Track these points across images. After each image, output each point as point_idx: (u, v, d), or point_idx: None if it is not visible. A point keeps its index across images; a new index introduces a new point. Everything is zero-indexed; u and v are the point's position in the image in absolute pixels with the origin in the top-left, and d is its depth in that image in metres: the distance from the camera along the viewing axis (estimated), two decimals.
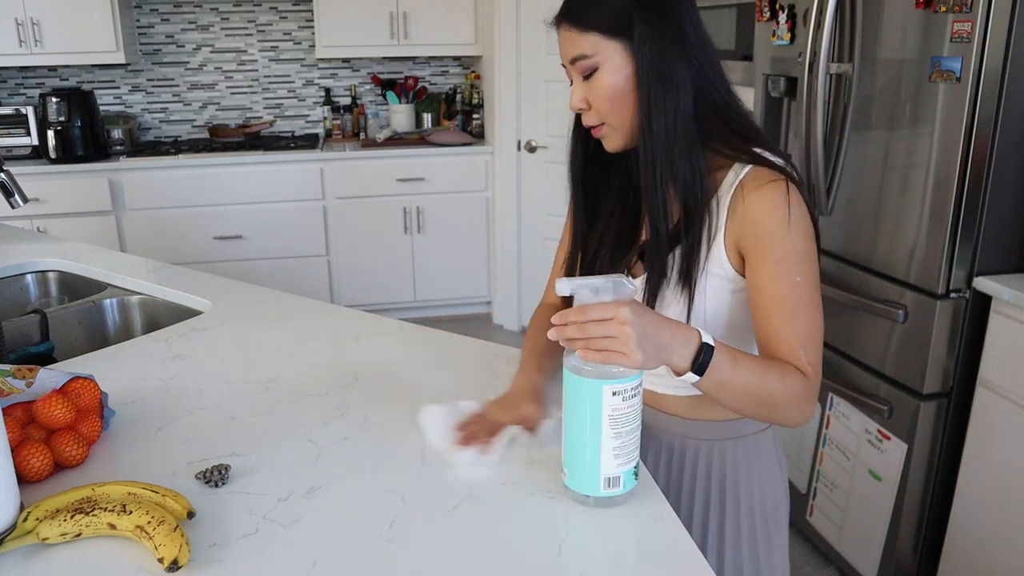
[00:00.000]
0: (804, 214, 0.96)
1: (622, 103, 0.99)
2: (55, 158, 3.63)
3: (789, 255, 0.95)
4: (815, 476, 2.21)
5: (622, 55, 0.97)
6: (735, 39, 2.72)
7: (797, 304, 0.95)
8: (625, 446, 0.89)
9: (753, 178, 0.97)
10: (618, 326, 0.81)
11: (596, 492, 0.90)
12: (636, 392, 0.87)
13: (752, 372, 0.92)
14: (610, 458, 0.88)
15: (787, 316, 0.95)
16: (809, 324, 0.96)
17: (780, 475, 1.16)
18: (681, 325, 0.88)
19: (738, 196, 0.97)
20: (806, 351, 0.95)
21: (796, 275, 0.95)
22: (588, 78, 0.99)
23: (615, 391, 0.86)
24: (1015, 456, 1.67)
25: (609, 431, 0.87)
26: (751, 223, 0.96)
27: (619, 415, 0.87)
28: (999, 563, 1.73)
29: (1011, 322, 1.67)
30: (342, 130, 4.17)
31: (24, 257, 2.00)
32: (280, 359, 1.35)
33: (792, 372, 0.94)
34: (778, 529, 1.17)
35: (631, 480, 0.91)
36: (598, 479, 0.89)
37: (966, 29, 1.61)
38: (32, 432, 1.00)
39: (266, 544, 0.85)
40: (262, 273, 3.76)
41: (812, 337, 0.96)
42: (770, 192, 0.95)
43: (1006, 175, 1.70)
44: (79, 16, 3.62)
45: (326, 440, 1.07)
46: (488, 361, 1.34)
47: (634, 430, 0.89)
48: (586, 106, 1.02)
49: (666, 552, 0.84)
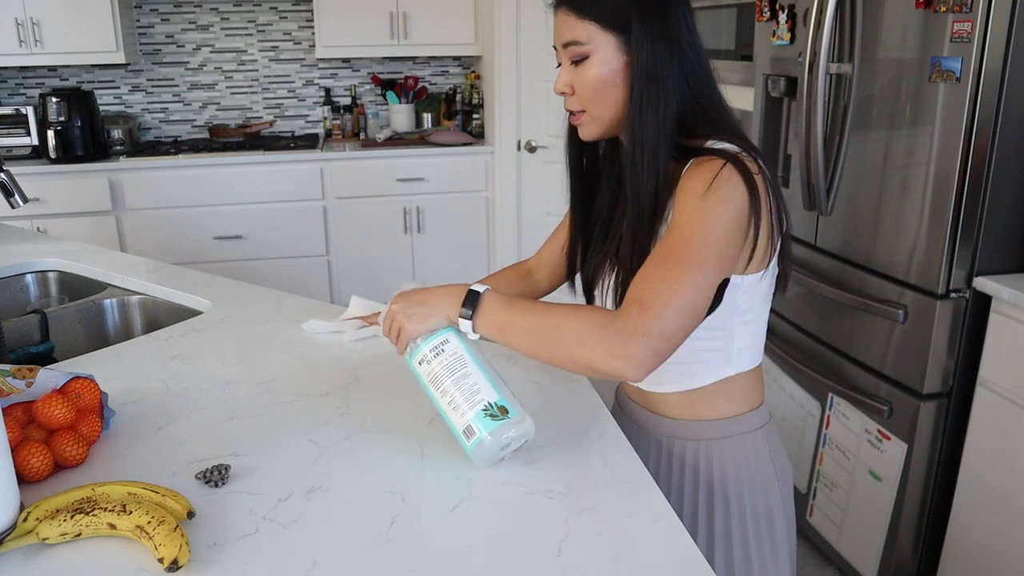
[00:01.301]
0: (733, 191, 0.93)
1: (605, 95, 1.01)
2: (55, 158, 3.63)
3: (692, 214, 0.93)
4: (815, 476, 2.21)
5: (614, 48, 0.99)
6: (735, 39, 2.72)
7: (668, 255, 0.92)
8: (457, 396, 0.95)
9: (694, 164, 0.97)
10: (389, 316, 1.00)
11: (470, 451, 0.96)
12: (439, 350, 0.98)
13: (535, 311, 0.95)
14: (454, 414, 0.96)
15: (652, 261, 0.94)
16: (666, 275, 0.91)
17: (774, 476, 1.15)
18: (455, 286, 0.99)
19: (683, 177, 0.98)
20: (645, 291, 0.91)
21: (678, 238, 0.93)
22: (577, 64, 1.02)
23: (420, 360, 0.99)
24: (1015, 456, 1.67)
25: (436, 393, 0.98)
26: (678, 195, 0.97)
27: (435, 375, 0.97)
28: (999, 563, 1.73)
29: (1011, 322, 1.67)
30: (342, 130, 4.17)
31: (24, 257, 2.00)
32: (280, 359, 1.35)
33: (590, 309, 0.95)
34: (776, 533, 1.15)
35: (488, 422, 0.94)
36: (463, 440, 0.96)
37: (966, 29, 1.61)
38: (32, 432, 1.00)
39: (266, 544, 0.85)
40: (262, 273, 3.76)
41: (661, 287, 0.90)
42: (700, 167, 0.95)
43: (1006, 175, 1.70)
44: (79, 16, 3.62)
45: (326, 440, 1.07)
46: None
47: (460, 378, 0.96)
48: (570, 91, 1.04)
49: (666, 552, 0.84)
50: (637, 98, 0.99)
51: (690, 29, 1.01)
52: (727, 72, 2.78)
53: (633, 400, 1.21)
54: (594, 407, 1.16)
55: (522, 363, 1.32)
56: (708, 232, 0.93)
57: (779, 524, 1.16)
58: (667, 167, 1.00)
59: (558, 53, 1.05)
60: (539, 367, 1.30)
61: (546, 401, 1.18)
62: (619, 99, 1.01)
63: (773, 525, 1.15)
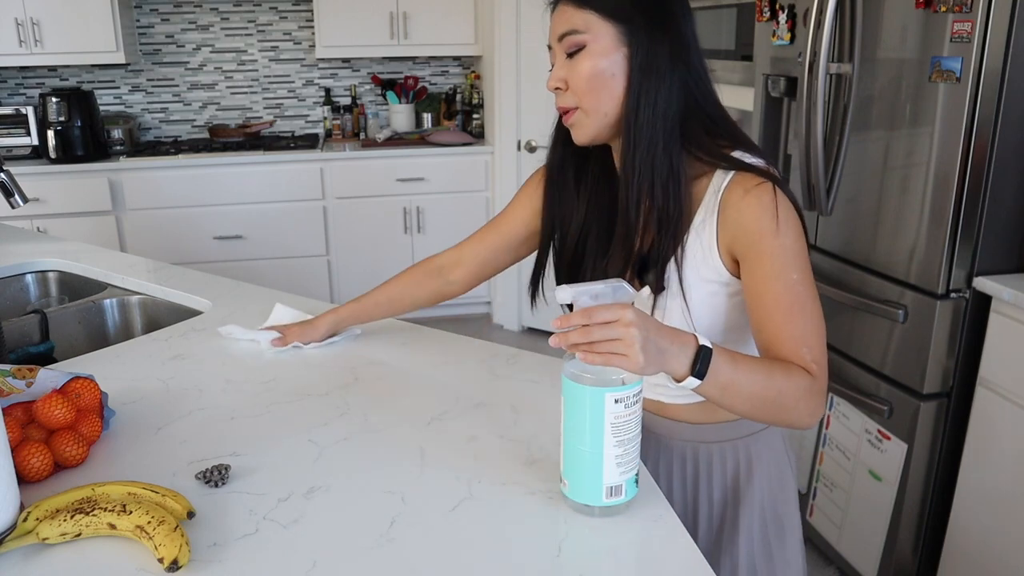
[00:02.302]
0: (792, 213, 0.97)
1: (600, 88, 0.98)
2: (55, 158, 3.63)
3: (782, 255, 0.94)
4: (815, 476, 2.21)
5: (612, 39, 0.96)
6: (735, 39, 2.72)
7: (794, 302, 0.94)
8: (627, 454, 0.87)
9: (738, 183, 0.96)
10: (623, 328, 0.79)
11: (598, 502, 0.89)
12: (637, 399, 0.86)
13: (755, 372, 0.90)
14: (612, 467, 0.87)
15: (786, 316, 0.94)
16: (809, 321, 0.94)
17: (790, 473, 1.16)
18: (679, 331, 0.87)
19: (726, 202, 0.97)
20: (809, 349, 0.94)
21: (792, 273, 0.94)
22: (572, 56, 0.99)
23: (617, 398, 0.84)
24: (1015, 456, 1.67)
25: (612, 439, 0.86)
26: (743, 228, 0.96)
27: (621, 423, 0.85)
28: (999, 563, 1.73)
29: (1011, 322, 1.67)
30: (342, 130, 4.17)
31: (24, 257, 2.01)
32: (280, 359, 1.35)
33: (796, 370, 0.93)
34: (792, 527, 1.16)
35: (632, 488, 0.90)
36: (600, 489, 0.88)
37: (966, 29, 1.61)
38: (32, 432, 1.00)
39: (266, 544, 0.85)
40: (262, 273, 3.76)
41: (814, 334, 0.94)
42: (757, 195, 0.95)
43: (1006, 175, 1.70)
44: (79, 16, 3.62)
45: (326, 440, 1.07)
46: (488, 361, 1.34)
47: (635, 438, 0.88)
48: (564, 86, 1.00)
49: (666, 552, 0.84)
50: (635, 89, 0.96)
51: (692, 33, 1.00)
52: (727, 72, 2.78)
53: (647, 410, 1.15)
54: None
55: (522, 362, 1.32)
56: (806, 261, 0.97)
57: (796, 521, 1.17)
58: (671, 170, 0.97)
59: (552, 53, 1.02)
60: (540, 366, 1.30)
61: (546, 401, 1.18)
62: (615, 93, 0.98)
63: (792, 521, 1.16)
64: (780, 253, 0.94)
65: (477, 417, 1.13)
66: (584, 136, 1.02)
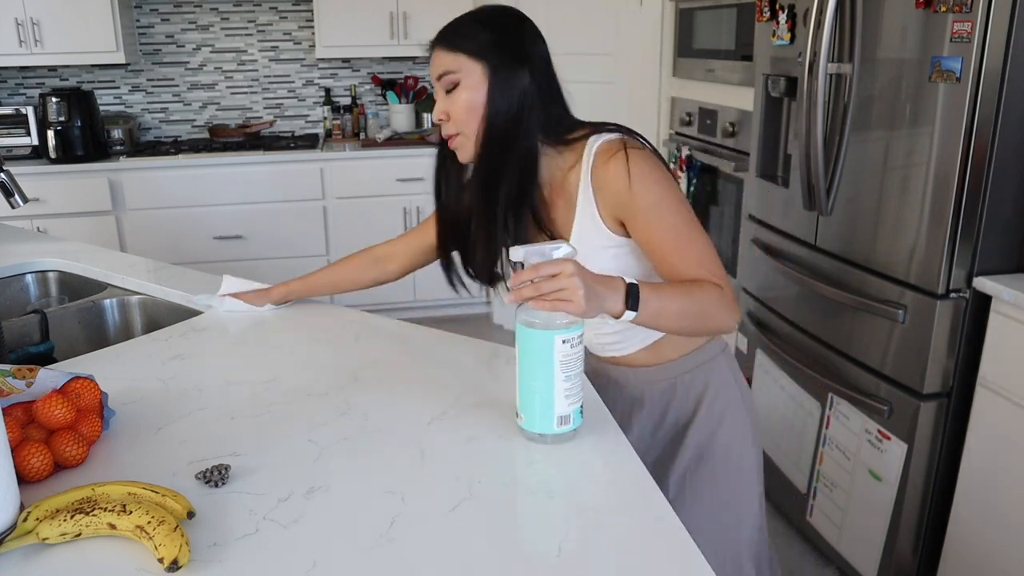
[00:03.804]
0: (648, 163, 1.13)
1: (476, 115, 1.15)
2: (55, 158, 3.63)
3: (651, 207, 1.12)
4: (815, 476, 2.21)
5: (480, 74, 1.15)
6: (735, 39, 2.72)
7: (679, 239, 1.12)
8: (573, 388, 1.03)
9: (599, 160, 1.14)
10: (566, 279, 0.94)
11: (551, 430, 1.04)
12: (580, 340, 1.01)
13: (677, 294, 1.07)
14: (562, 399, 1.02)
15: (676, 253, 1.12)
16: (698, 249, 1.12)
17: (740, 397, 1.33)
18: (609, 276, 1.01)
19: (594, 178, 1.15)
20: (706, 268, 1.11)
21: (667, 217, 1.12)
22: (450, 92, 1.16)
23: (564, 339, 0.99)
24: (1015, 456, 1.67)
25: (561, 375, 1.01)
26: (613, 194, 1.13)
27: (568, 360, 1.01)
28: (999, 563, 1.74)
29: (1011, 322, 1.67)
30: (342, 130, 4.17)
31: (24, 257, 2.01)
32: (280, 359, 1.35)
33: (707, 284, 1.09)
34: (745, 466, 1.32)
35: (578, 417, 1.05)
36: (552, 418, 1.03)
37: (966, 29, 1.61)
38: (32, 432, 1.00)
39: (266, 544, 0.85)
40: (262, 273, 3.74)
41: (706, 256, 1.12)
42: (614, 164, 1.12)
43: (1006, 175, 1.70)
44: (79, 16, 3.62)
45: (326, 440, 1.07)
46: (488, 361, 1.34)
47: (579, 374, 1.03)
48: (446, 117, 1.18)
49: (666, 552, 0.84)
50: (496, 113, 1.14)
51: (543, 53, 1.18)
52: (727, 72, 2.78)
53: (603, 360, 1.36)
54: (595, 407, 1.16)
55: None
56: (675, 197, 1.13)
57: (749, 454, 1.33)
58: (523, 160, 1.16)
59: (435, 89, 1.19)
60: None
61: None
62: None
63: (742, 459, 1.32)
64: (651, 205, 1.12)
65: (477, 417, 1.13)
66: (467, 156, 1.20)
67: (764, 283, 2.44)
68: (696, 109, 3.05)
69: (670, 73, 3.27)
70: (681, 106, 3.18)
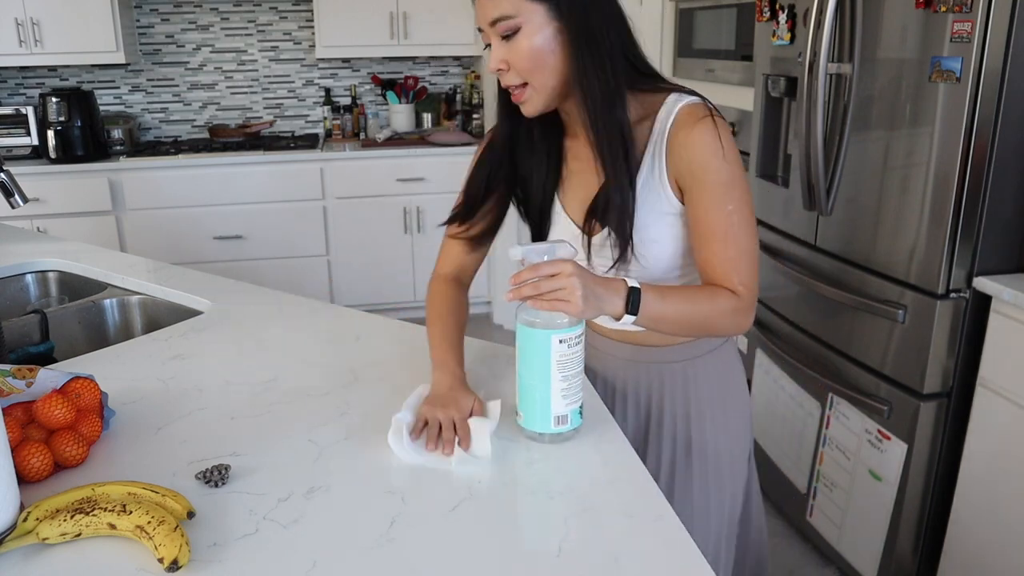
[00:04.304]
0: (732, 144, 1.06)
1: (543, 63, 1.04)
2: (55, 158, 3.63)
3: (720, 186, 1.05)
4: (815, 476, 2.21)
5: (543, 16, 1.02)
6: (735, 39, 2.72)
7: (729, 231, 1.06)
8: (571, 388, 1.02)
9: (684, 120, 1.06)
10: (565, 279, 0.92)
11: (548, 429, 1.03)
12: (579, 340, 1.01)
13: (681, 302, 1.04)
14: (559, 399, 1.02)
15: (720, 243, 1.06)
16: (741, 248, 1.06)
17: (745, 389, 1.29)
18: (611, 278, 1.00)
19: (673, 138, 1.07)
20: (738, 273, 1.06)
21: (727, 204, 1.05)
22: (508, 39, 1.04)
23: (561, 339, 0.99)
24: (1015, 456, 1.67)
25: (558, 375, 1.00)
26: (691, 161, 1.05)
27: (566, 360, 1.00)
28: (999, 563, 1.74)
29: (1011, 322, 1.67)
30: (342, 130, 4.17)
31: (24, 257, 2.01)
32: (280, 359, 1.35)
33: (722, 293, 1.06)
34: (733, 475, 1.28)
35: (577, 418, 1.05)
36: (549, 418, 1.03)
37: (966, 29, 1.61)
38: (32, 432, 1.00)
39: (266, 544, 0.85)
40: (262, 273, 3.76)
41: (745, 260, 1.07)
42: (701, 131, 1.04)
43: (1006, 175, 1.70)
44: (79, 16, 3.62)
45: (326, 440, 1.07)
46: (488, 361, 1.34)
47: (578, 374, 1.02)
48: (506, 67, 1.06)
49: (666, 552, 0.84)
50: (579, 60, 1.03)
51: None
52: (727, 72, 2.78)
53: (610, 338, 1.27)
54: (595, 406, 1.16)
55: None
56: (744, 190, 1.07)
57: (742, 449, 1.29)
58: (627, 118, 1.06)
59: (484, 34, 1.07)
60: None
61: None
62: (558, 65, 1.04)
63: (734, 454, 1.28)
64: (721, 184, 1.05)
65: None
66: (535, 109, 1.09)
67: (764, 283, 2.44)
68: None
69: (670, 73, 3.27)
70: None
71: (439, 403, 1.09)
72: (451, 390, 1.12)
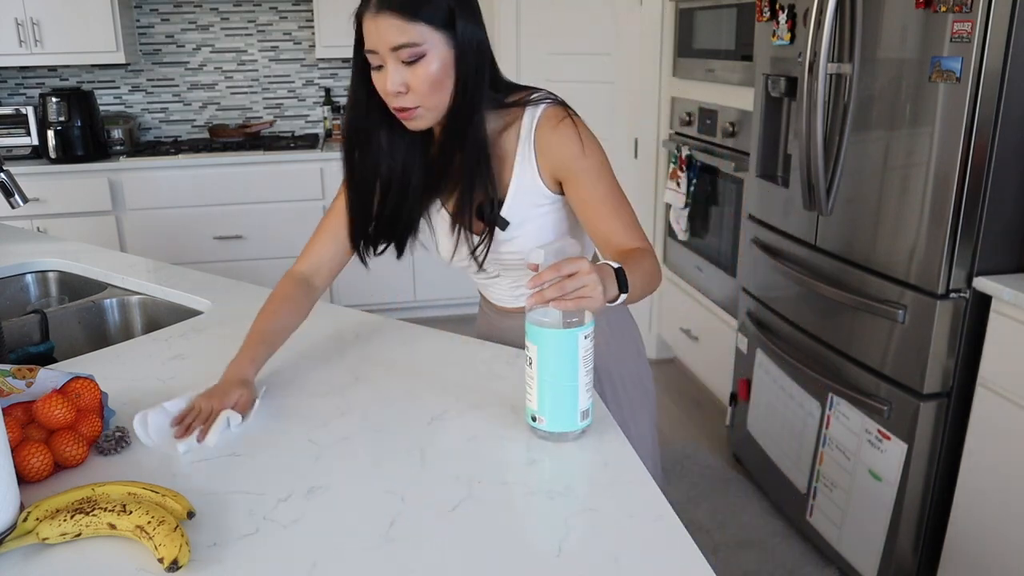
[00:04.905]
0: (590, 135, 1.21)
1: (442, 87, 1.14)
2: (55, 158, 3.63)
3: (592, 172, 1.20)
4: (815, 476, 2.21)
5: (444, 45, 1.12)
6: (735, 39, 2.72)
7: (613, 202, 1.21)
8: (590, 380, 1.05)
9: (545, 123, 1.21)
10: (586, 276, 0.96)
11: (575, 427, 1.05)
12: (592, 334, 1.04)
13: (637, 267, 1.12)
14: (584, 393, 1.04)
15: (612, 214, 1.20)
16: (629, 214, 1.22)
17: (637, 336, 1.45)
18: (604, 265, 1.05)
19: (539, 139, 1.21)
20: (637, 233, 1.21)
21: (604, 180, 1.21)
22: (410, 64, 1.12)
23: (586, 335, 1.01)
24: (1015, 456, 1.67)
25: (583, 369, 1.03)
26: (559, 157, 1.20)
27: (587, 355, 1.03)
28: (999, 563, 1.74)
29: (1011, 322, 1.67)
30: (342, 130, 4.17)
31: (24, 257, 2.01)
32: (280, 359, 1.35)
33: (644, 252, 1.18)
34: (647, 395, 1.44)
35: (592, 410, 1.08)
36: (576, 415, 1.04)
37: (966, 29, 1.61)
38: (32, 432, 1.00)
39: (266, 544, 0.85)
40: (262, 273, 3.76)
41: (635, 221, 1.22)
42: (562, 129, 1.20)
43: (1006, 175, 1.70)
44: (79, 16, 3.62)
45: (326, 440, 1.07)
46: (488, 361, 1.34)
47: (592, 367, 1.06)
48: (405, 90, 1.13)
49: (666, 552, 0.84)
50: (466, 84, 1.15)
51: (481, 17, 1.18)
52: (727, 72, 2.78)
53: (509, 312, 1.43)
54: (595, 406, 1.16)
55: (522, 362, 1.32)
56: (609, 167, 1.23)
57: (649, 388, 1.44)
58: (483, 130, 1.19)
59: (378, 56, 1.12)
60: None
61: None
62: (449, 88, 1.15)
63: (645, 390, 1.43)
64: (593, 171, 1.21)
65: (477, 417, 1.13)
66: (425, 125, 1.19)
67: (764, 283, 2.44)
68: (696, 109, 3.04)
69: (670, 73, 3.27)
70: (681, 106, 3.18)
71: (212, 393, 1.13)
72: (227, 383, 1.15)
